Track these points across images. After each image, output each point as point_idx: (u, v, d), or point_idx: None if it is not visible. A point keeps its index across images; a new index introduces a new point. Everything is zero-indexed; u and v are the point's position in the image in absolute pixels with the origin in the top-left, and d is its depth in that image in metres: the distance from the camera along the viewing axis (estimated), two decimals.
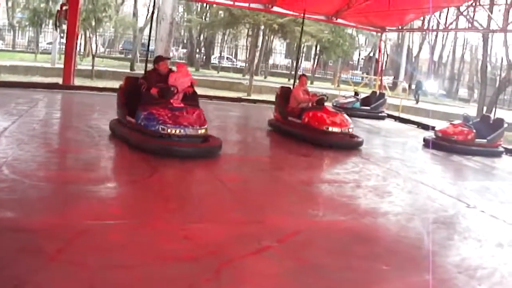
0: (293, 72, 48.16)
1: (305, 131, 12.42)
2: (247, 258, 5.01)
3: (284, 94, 13.88)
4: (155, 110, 9.33)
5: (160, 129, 9.10)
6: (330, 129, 12.20)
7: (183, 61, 48.82)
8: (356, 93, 22.06)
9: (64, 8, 19.48)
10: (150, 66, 10.56)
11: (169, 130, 9.10)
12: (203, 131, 9.51)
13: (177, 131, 9.15)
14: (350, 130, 12.65)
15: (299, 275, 4.71)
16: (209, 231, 5.69)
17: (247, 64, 45.40)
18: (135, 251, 4.88)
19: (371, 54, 56.08)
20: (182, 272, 4.50)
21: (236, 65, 54.31)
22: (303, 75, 14.59)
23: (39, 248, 4.65)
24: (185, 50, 56.58)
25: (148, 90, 9.79)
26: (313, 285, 4.55)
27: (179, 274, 4.45)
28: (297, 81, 13.90)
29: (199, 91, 21.89)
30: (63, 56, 22.41)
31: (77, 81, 21.30)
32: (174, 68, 10.56)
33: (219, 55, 56.15)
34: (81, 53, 39.29)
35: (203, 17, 49.48)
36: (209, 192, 7.50)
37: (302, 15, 16.94)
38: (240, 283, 4.44)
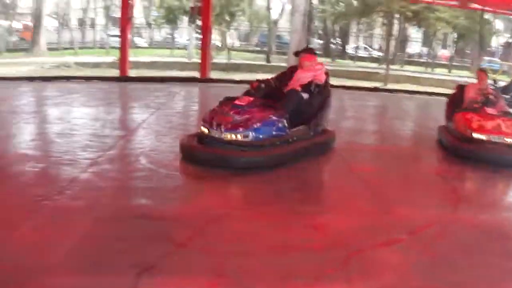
0: (430, 60, 47.42)
1: (449, 136, 9.84)
2: (377, 249, 4.94)
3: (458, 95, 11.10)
4: (217, 107, 8.19)
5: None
6: (476, 135, 9.01)
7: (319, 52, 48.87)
8: (495, 81, 21.26)
9: (197, 4, 19.93)
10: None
11: (200, 129, 7.97)
12: (233, 136, 7.52)
13: (203, 129, 7.81)
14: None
15: (429, 269, 4.60)
16: (339, 221, 5.64)
17: (383, 54, 44.84)
18: (263, 239, 4.93)
19: (510, 40, 54.08)
20: (309, 261, 4.50)
21: (372, 54, 53.67)
22: (482, 70, 12.03)
23: (169, 235, 4.81)
24: (320, 41, 56.48)
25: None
26: (443, 279, 4.42)
27: (306, 263, 4.46)
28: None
29: (335, 81, 21.88)
30: (199, 51, 22.88)
31: (213, 74, 21.69)
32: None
33: (356, 45, 55.63)
34: (217, 47, 39.97)
35: (337, 7, 49.27)
36: (339, 181, 7.51)
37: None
38: (368, 274, 4.39)
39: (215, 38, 37.59)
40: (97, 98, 14.31)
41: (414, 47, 59.42)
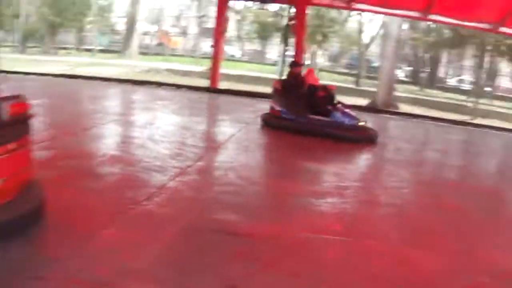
0: None
1: None
2: None
3: None
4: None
5: None
6: None
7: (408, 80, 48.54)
8: None
9: (291, 22, 20.01)
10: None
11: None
12: None
13: None
14: None
15: None
16: (425, 259, 5.50)
17: (472, 86, 44.09)
18: (348, 269, 4.85)
19: None
20: None
21: (462, 86, 52.75)
22: None
23: (255, 254, 4.77)
24: (409, 68, 55.92)
25: None
26: None
27: None
28: None
29: (420, 111, 21.50)
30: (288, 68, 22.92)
31: None
32: None
33: (458, 77, 54.74)
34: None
35: (429, 36, 48.75)
36: (426, 216, 7.32)
37: None
38: None
39: (306, 57, 37.67)
40: (187, 107, 14.52)
41: (504, 81, 58.22)
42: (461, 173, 11.16)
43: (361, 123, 12.06)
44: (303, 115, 11.90)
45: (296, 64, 13.28)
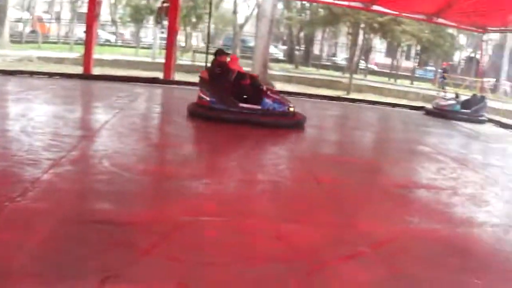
0: (393, 71, 47.89)
1: None
2: (340, 262, 4.98)
3: None
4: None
5: None
6: None
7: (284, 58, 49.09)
8: (457, 95, 21.56)
9: (165, 5, 19.92)
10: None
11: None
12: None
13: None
14: None
15: (390, 284, 4.66)
16: (301, 232, 5.68)
17: (346, 62, 45.08)
18: (228, 249, 4.92)
19: (472, 55, 54.86)
20: (272, 273, 4.51)
21: (337, 63, 53.83)
22: None
23: (133, 242, 4.76)
24: (284, 47, 56.58)
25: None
26: None
27: (269, 275, 4.47)
28: None
29: (296, 88, 21.91)
30: (163, 51, 22.77)
31: (177, 76, 21.66)
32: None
33: (332, 54, 55.84)
34: (181, 48, 39.84)
35: (303, 15, 49.44)
36: (303, 191, 7.54)
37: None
38: None
39: (180, 39, 37.44)
40: (60, 95, 14.17)
41: (378, 57, 59.89)
42: (337, 147, 11.51)
43: (291, 109, 12.39)
44: (234, 104, 11.98)
45: (221, 52, 12.95)
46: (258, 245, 5.13)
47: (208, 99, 12.09)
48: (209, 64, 13.37)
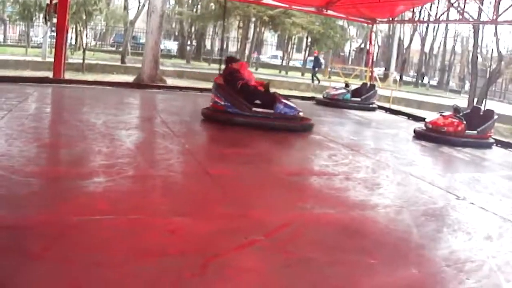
0: (285, 64, 48.41)
1: None
2: (234, 252, 4.98)
3: None
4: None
5: None
6: None
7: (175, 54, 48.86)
8: (347, 85, 22.00)
9: (53, 1, 19.44)
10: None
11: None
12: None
13: None
14: None
15: (286, 270, 4.69)
16: (195, 225, 5.66)
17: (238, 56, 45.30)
18: (121, 247, 4.83)
19: (362, 46, 56.14)
20: (167, 267, 4.46)
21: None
22: None
23: (23, 246, 4.58)
24: (176, 42, 56.35)
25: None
26: (300, 280, 4.52)
27: (164, 270, 4.41)
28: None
29: (187, 83, 21.89)
30: (53, 50, 22.27)
31: (68, 75, 21.25)
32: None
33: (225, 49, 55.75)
34: (72, 47, 39.08)
35: (194, 10, 49.40)
36: (195, 184, 7.53)
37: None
38: (226, 278, 4.41)
39: (71, 37, 36.73)
40: None
41: (269, 50, 60.42)
42: (230, 139, 11.51)
43: (300, 113, 13.03)
44: (248, 109, 12.56)
45: (233, 59, 13.84)
46: (151, 241, 5.06)
47: (222, 103, 12.76)
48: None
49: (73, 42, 41.55)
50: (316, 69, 36.86)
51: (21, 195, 6.10)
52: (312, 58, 42.80)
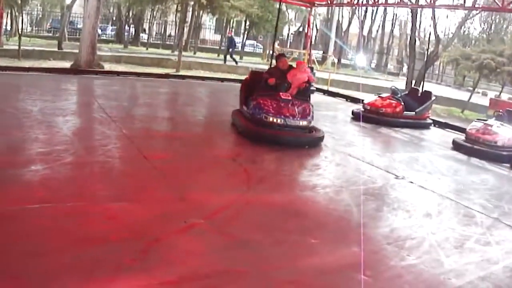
0: (222, 47, 48.34)
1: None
2: (174, 236, 4.98)
3: None
4: (262, 100, 10.27)
5: (263, 117, 9.97)
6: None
7: (113, 39, 48.31)
8: None
9: None
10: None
11: (270, 119, 9.89)
12: (304, 123, 10.15)
13: (278, 120, 9.89)
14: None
15: (227, 252, 4.70)
16: (134, 210, 5.63)
17: (176, 40, 44.96)
18: (60, 235, 4.76)
19: (301, 29, 56.30)
20: (108, 253, 4.43)
21: (166, 41, 53.59)
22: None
23: None
24: (113, 27, 55.71)
25: (266, 82, 10.80)
26: (241, 261, 4.54)
27: (105, 256, 4.38)
28: None
29: (125, 68, 21.66)
30: None
31: (4, 62, 20.84)
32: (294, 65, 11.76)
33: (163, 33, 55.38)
34: (7, 33, 38.28)
35: None
36: (133, 169, 7.47)
37: None
38: (167, 262, 4.40)
39: (6, 22, 35.99)
40: None
41: (208, 34, 60.17)
42: (167, 124, 11.45)
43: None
44: None
45: (282, 56, 12.16)
46: (90, 228, 5.00)
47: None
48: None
49: (8, 28, 40.78)
50: (230, 49, 36.71)
51: None
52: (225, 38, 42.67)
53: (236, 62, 34.49)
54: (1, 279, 3.87)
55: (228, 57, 34.70)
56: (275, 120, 9.85)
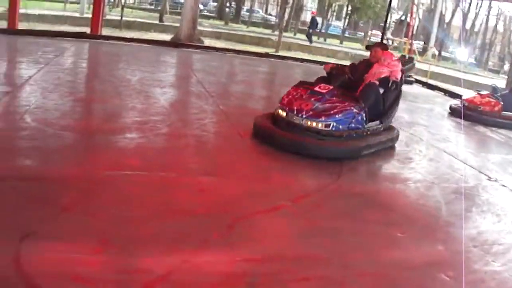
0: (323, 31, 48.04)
1: None
2: (260, 215, 5.02)
3: None
4: (293, 89, 8.26)
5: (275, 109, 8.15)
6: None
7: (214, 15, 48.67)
8: None
9: None
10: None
11: (276, 111, 8.04)
12: (313, 124, 7.53)
13: (281, 113, 7.85)
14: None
15: (310, 237, 4.71)
16: (223, 186, 5.71)
17: (277, 20, 44.98)
18: (149, 203, 4.90)
19: (403, 18, 55.43)
20: (195, 226, 4.52)
21: (268, 20, 53.66)
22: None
23: (53, 198, 4.66)
24: (215, 4, 56.09)
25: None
26: (323, 247, 4.53)
27: (192, 229, 4.47)
28: None
29: (225, 44, 21.75)
30: (92, 6, 22.25)
31: (106, 31, 21.30)
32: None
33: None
34: (110, 3, 39.09)
35: None
36: (226, 145, 7.59)
37: None
38: (251, 240, 4.46)
39: None
40: None
41: (309, 16, 59.90)
42: (264, 102, 11.50)
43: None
44: None
45: (377, 45, 9.38)
46: (179, 199, 5.13)
47: None
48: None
49: None
50: (311, 30, 36.34)
51: (54, 147, 6.21)
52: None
53: (311, 42, 34.34)
54: (90, 241, 4.00)
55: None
56: (279, 113, 7.86)
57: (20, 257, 3.63)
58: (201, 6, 36.52)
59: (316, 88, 8.01)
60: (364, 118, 7.91)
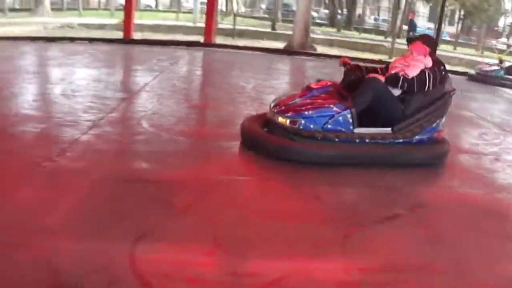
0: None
1: None
2: (377, 224, 4.92)
3: None
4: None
5: None
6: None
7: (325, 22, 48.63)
8: (501, 61, 21.01)
9: None
10: None
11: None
12: (283, 120, 6.46)
13: (271, 106, 6.82)
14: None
15: (428, 247, 4.58)
16: (341, 193, 5.68)
17: (389, 26, 44.52)
18: (263, 209, 4.90)
19: None
20: (307, 233, 4.48)
21: (379, 27, 53.19)
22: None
23: (168, 201, 4.79)
24: (326, 11, 56.06)
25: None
26: (443, 257, 4.41)
27: (304, 236, 4.43)
28: None
29: (337, 51, 21.62)
30: (204, 16, 22.67)
31: (218, 40, 21.62)
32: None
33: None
34: (222, 12, 39.68)
35: None
36: None
37: None
38: (367, 250, 4.36)
39: (221, 3, 37.39)
40: (100, 60, 14.32)
41: (421, 22, 59.06)
42: None
43: None
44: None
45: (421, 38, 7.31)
46: (295, 205, 5.11)
47: None
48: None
49: (223, 8, 42.24)
50: (411, 33, 35.44)
51: (170, 152, 6.40)
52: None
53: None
54: (203, 242, 4.06)
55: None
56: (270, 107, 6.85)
57: (136, 256, 3.74)
58: (313, 14, 36.58)
59: (312, 84, 7.05)
60: (350, 120, 6.46)
